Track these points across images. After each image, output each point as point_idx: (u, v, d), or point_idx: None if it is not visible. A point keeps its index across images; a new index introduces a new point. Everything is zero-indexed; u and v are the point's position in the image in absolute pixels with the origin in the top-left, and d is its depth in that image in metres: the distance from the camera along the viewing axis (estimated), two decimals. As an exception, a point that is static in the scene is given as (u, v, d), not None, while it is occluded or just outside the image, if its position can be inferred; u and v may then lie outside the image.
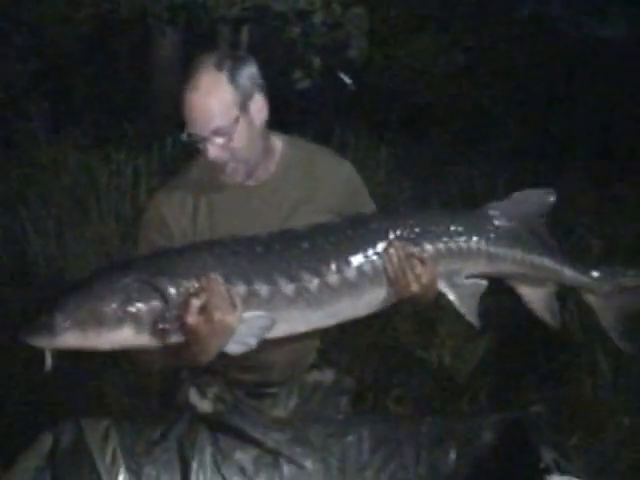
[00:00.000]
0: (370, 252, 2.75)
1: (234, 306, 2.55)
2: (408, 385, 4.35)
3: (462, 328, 4.39)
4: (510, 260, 2.94)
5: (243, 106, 2.73)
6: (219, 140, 2.72)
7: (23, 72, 8.04)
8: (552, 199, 3.00)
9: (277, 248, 2.68)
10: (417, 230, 2.81)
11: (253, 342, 2.61)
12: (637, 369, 4.29)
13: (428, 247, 2.80)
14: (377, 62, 9.44)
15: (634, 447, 3.84)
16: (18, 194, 7.10)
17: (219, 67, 2.71)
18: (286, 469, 2.68)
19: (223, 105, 2.70)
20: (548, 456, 2.66)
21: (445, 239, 2.84)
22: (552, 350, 4.36)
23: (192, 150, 2.86)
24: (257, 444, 2.68)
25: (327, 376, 3.14)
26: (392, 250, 2.74)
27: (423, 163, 7.90)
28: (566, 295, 4.46)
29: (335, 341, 3.20)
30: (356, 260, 2.73)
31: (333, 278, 2.70)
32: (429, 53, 9.61)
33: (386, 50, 9.52)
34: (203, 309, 2.50)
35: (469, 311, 2.91)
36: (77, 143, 7.94)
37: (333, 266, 2.70)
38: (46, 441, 2.56)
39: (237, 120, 2.71)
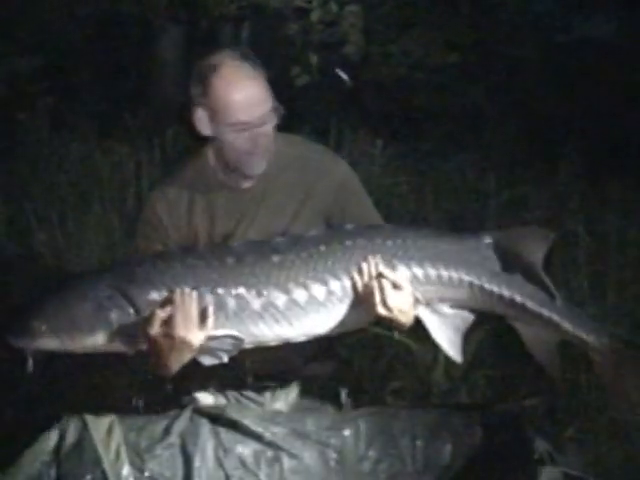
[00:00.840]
0: (340, 270, 2.71)
1: (200, 324, 2.58)
2: (405, 378, 4.38)
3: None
4: (497, 297, 2.78)
5: (271, 96, 2.83)
6: (270, 125, 2.82)
7: (27, 66, 8.06)
8: (550, 240, 2.82)
9: (248, 261, 2.68)
10: (394, 252, 2.73)
11: (225, 357, 2.67)
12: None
13: (404, 271, 2.73)
14: (373, 59, 9.45)
15: (627, 440, 3.85)
16: (22, 186, 7.14)
17: (249, 59, 2.82)
18: (286, 462, 2.72)
19: (267, 91, 2.82)
20: (542, 448, 2.71)
21: (425, 264, 2.74)
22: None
23: (189, 146, 2.91)
24: (257, 438, 2.72)
25: (326, 368, 3.14)
26: (364, 269, 2.69)
27: (418, 158, 7.92)
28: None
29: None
30: (325, 278, 2.70)
31: (300, 295, 2.69)
32: (422, 49, 9.61)
33: (381, 47, 9.52)
34: (166, 323, 2.55)
35: (448, 343, 2.82)
36: (80, 136, 7.97)
37: (301, 283, 2.69)
38: (52, 436, 2.61)
39: (273, 108, 2.82)
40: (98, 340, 2.62)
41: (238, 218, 2.94)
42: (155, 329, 2.55)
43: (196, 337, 2.58)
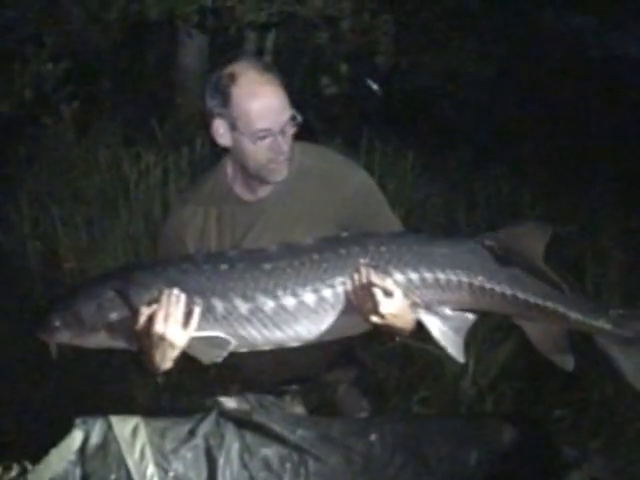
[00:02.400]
0: (332, 278, 2.73)
1: (184, 324, 2.66)
2: (433, 388, 4.37)
3: (487, 332, 4.41)
4: (499, 295, 2.76)
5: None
6: (289, 133, 2.85)
7: (54, 72, 8.09)
8: (548, 234, 2.78)
9: (239, 267, 2.74)
10: (388, 258, 2.73)
11: (218, 357, 2.77)
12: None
13: (398, 276, 2.73)
14: (404, 69, 9.44)
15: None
16: (49, 192, 7.18)
17: (269, 69, 2.88)
18: (311, 465, 2.70)
19: (284, 99, 2.84)
20: (569, 456, 2.70)
21: (420, 269, 2.73)
22: (575, 354, 4.37)
23: (217, 153, 2.95)
24: (283, 441, 2.71)
25: (348, 375, 3.15)
26: (356, 276, 2.70)
27: (450, 170, 7.90)
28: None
29: (361, 342, 3.20)
30: (316, 285, 2.72)
31: (289, 301, 2.72)
32: (457, 61, 9.60)
33: (413, 57, 9.52)
34: (149, 321, 2.64)
35: (451, 345, 2.79)
36: (107, 142, 8.01)
37: (290, 289, 2.72)
38: (77, 436, 2.64)
39: (294, 116, 2.86)
40: (100, 337, 2.79)
41: (246, 229, 2.97)
42: (139, 325, 2.66)
43: (177, 336, 2.65)
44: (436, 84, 9.71)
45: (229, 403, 3.08)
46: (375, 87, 9.16)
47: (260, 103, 2.79)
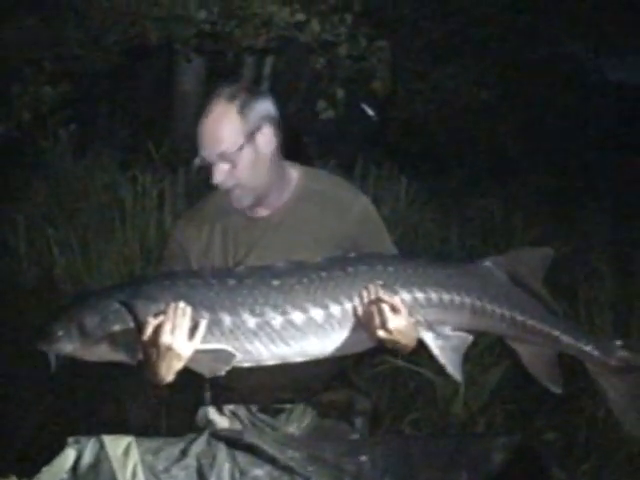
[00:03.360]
0: (340, 295, 2.78)
1: (190, 336, 2.67)
2: (424, 410, 4.38)
3: (477, 355, 4.44)
4: (498, 317, 2.85)
5: (249, 136, 2.88)
6: (224, 165, 2.86)
7: (52, 94, 8.13)
8: (549, 258, 2.92)
9: (248, 283, 2.77)
10: (396, 277, 2.80)
11: (222, 370, 2.77)
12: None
13: (405, 295, 2.79)
14: (399, 95, 9.48)
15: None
16: (45, 213, 7.21)
17: (231, 98, 2.89)
18: (301, 486, 2.71)
19: (229, 132, 2.86)
20: (559, 479, 2.70)
21: (425, 289, 2.81)
22: (566, 378, 4.40)
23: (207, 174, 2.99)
24: (273, 461, 2.71)
25: (341, 396, 3.18)
26: (363, 293, 2.76)
27: (443, 194, 7.95)
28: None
29: (353, 364, 3.24)
30: (324, 301, 2.77)
31: (298, 317, 2.76)
32: (452, 86, 9.65)
33: (408, 83, 9.56)
34: (156, 332, 2.65)
35: (450, 363, 2.88)
36: (104, 164, 8.05)
37: (299, 305, 2.76)
38: (69, 455, 2.63)
39: (241, 148, 2.85)
40: (102, 350, 2.77)
41: (250, 246, 3.01)
42: (145, 336, 2.66)
43: (183, 347, 2.66)
44: (431, 110, 9.75)
45: (222, 423, 3.11)
46: (371, 112, 9.20)
47: (200, 129, 2.87)
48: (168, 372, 2.71)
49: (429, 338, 2.87)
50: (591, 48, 11.31)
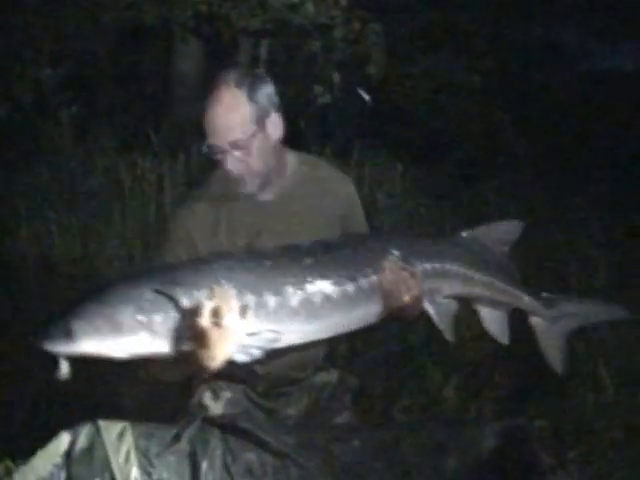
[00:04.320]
0: (367, 268, 2.90)
1: (242, 316, 2.66)
2: (415, 396, 4.42)
3: (469, 342, 4.47)
4: (480, 283, 3.15)
5: (260, 122, 2.90)
6: (236, 152, 2.88)
7: (52, 77, 8.14)
8: (517, 231, 3.26)
9: (284, 262, 2.81)
10: (407, 250, 2.98)
11: (257, 353, 2.71)
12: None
13: (417, 265, 2.97)
14: (393, 80, 9.46)
15: (627, 463, 3.88)
16: (45, 197, 7.22)
17: (239, 84, 2.88)
18: (292, 471, 2.72)
19: (242, 119, 2.87)
20: (547, 464, 2.74)
21: (430, 260, 3.03)
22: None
23: (212, 161, 3.00)
24: (266, 446, 2.73)
25: (332, 376, 3.30)
26: (387, 264, 2.89)
27: (438, 181, 7.96)
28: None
29: (345, 348, 3.32)
30: (354, 275, 2.88)
31: (335, 291, 2.83)
32: (444, 73, 9.63)
33: (401, 68, 9.54)
34: (214, 314, 2.58)
35: (446, 327, 3.09)
36: (104, 148, 8.06)
37: (334, 280, 2.84)
38: (63, 440, 2.65)
39: (254, 135, 2.88)
40: (140, 342, 2.61)
41: (259, 230, 3.04)
42: (205, 320, 2.57)
43: (242, 326, 2.66)
44: (425, 95, 9.75)
45: (217, 409, 3.14)
46: (366, 97, 9.20)
47: (211, 118, 2.86)
48: (225, 355, 2.65)
49: (429, 306, 3.05)
50: (582, 35, 11.28)
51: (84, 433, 2.67)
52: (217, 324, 2.57)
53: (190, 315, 2.59)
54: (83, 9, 8.25)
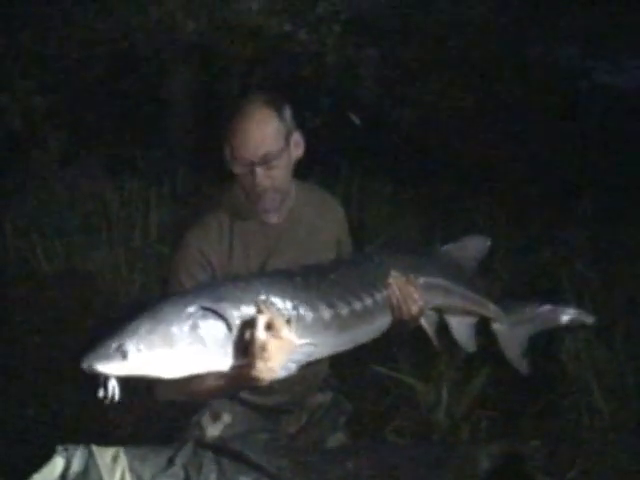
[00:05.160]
0: (380, 284, 3.06)
1: (289, 329, 2.70)
2: (407, 417, 4.41)
3: (461, 362, 4.48)
4: (456, 294, 3.37)
5: (287, 139, 2.99)
6: (266, 166, 2.93)
7: (41, 103, 8.15)
8: (485, 245, 3.52)
9: (313, 279, 2.89)
10: (410, 264, 3.19)
11: (294, 367, 2.72)
12: (634, 405, 4.35)
13: (419, 279, 3.16)
14: (386, 102, 9.51)
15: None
16: (32, 220, 7.20)
17: (268, 102, 2.98)
18: (286, 494, 2.73)
19: (273, 133, 2.95)
20: (544, 485, 2.73)
21: (421, 273, 3.19)
22: (549, 386, 4.46)
23: (199, 186, 3.02)
24: (260, 469, 2.72)
25: (327, 397, 3.39)
26: (394, 280, 3.06)
27: (427, 202, 7.98)
28: (564, 335, 4.61)
29: (336, 371, 3.35)
30: (371, 291, 3.03)
31: (358, 306, 2.97)
32: (437, 95, 9.68)
33: (395, 90, 9.58)
34: (270, 326, 2.61)
35: (434, 337, 3.39)
36: (91, 172, 8.05)
37: (359, 295, 2.99)
38: (58, 464, 2.63)
39: (282, 150, 2.96)
40: (194, 359, 2.59)
41: (270, 252, 3.11)
42: (263, 333, 2.58)
43: (295, 339, 2.70)
44: (417, 117, 9.78)
45: (214, 430, 3.14)
46: (357, 120, 9.23)
47: (244, 133, 2.92)
48: (280, 366, 2.65)
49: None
50: (579, 51, 11.32)
51: (78, 457, 2.65)
52: (275, 336, 2.60)
53: (246, 329, 2.61)
54: (74, 37, 8.27)
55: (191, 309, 2.59)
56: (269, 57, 8.38)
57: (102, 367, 2.44)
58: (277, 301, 2.73)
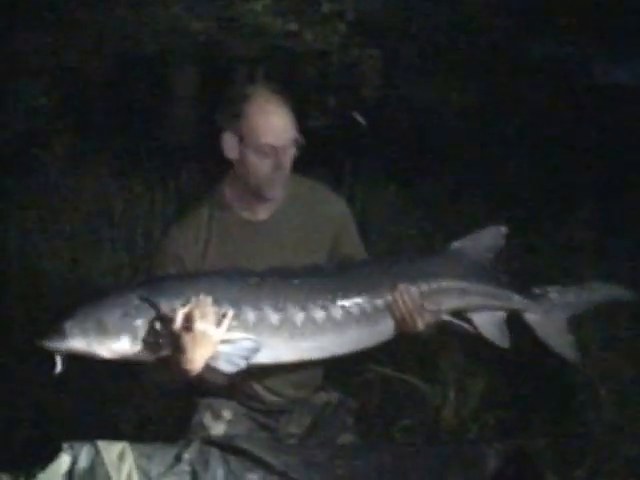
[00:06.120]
0: (357, 295, 2.95)
1: (217, 323, 2.73)
2: (414, 417, 4.40)
3: (464, 363, 4.46)
4: (474, 293, 3.22)
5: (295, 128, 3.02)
6: (290, 153, 2.98)
7: (45, 103, 8.16)
8: (500, 235, 3.33)
9: (269, 281, 2.88)
10: (415, 270, 3.10)
11: (242, 363, 2.80)
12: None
13: (423, 287, 3.05)
14: (390, 102, 9.51)
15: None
16: (36, 221, 7.19)
17: (280, 90, 3.03)
18: (294, 491, 2.72)
19: (292, 119, 3.00)
20: (552, 482, 2.72)
21: (430, 278, 3.09)
22: (555, 385, 4.44)
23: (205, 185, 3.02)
24: (267, 466, 2.72)
25: (333, 397, 3.32)
26: (398, 294, 2.97)
27: (430, 200, 7.96)
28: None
29: (341, 371, 3.32)
30: (342, 300, 2.92)
31: (318, 314, 2.88)
32: (440, 93, 9.68)
33: (399, 90, 9.59)
34: (187, 319, 2.68)
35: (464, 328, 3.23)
36: (96, 173, 8.04)
37: (319, 303, 2.88)
38: (64, 461, 2.63)
39: (297, 136, 3.00)
40: (123, 345, 2.75)
41: (251, 251, 3.07)
42: (178, 326, 2.69)
43: (215, 332, 2.73)
44: (420, 117, 9.78)
45: (217, 428, 3.14)
46: (361, 120, 9.23)
47: (267, 119, 2.94)
48: (201, 359, 2.74)
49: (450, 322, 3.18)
50: (581, 50, 11.30)
51: (84, 453, 2.66)
52: (189, 329, 2.68)
53: (166, 320, 2.72)
54: (80, 38, 8.28)
55: (127, 298, 2.78)
56: (273, 56, 8.38)
57: (45, 344, 2.73)
58: (217, 298, 2.75)
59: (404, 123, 9.76)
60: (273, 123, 2.94)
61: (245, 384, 3.09)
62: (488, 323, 3.29)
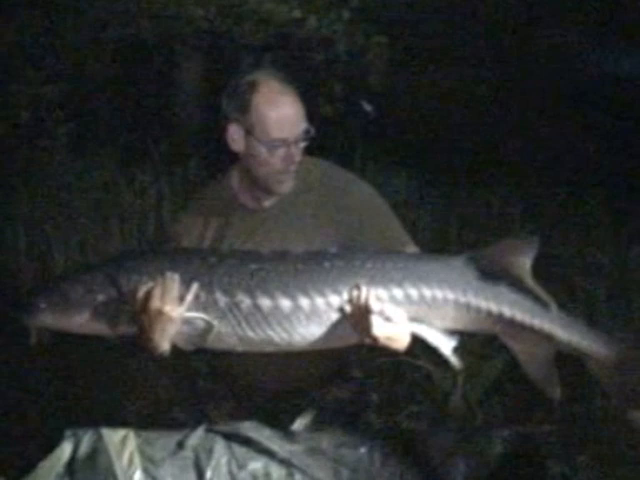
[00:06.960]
0: (311, 289, 2.73)
1: (177, 301, 2.70)
2: (422, 403, 4.39)
3: (476, 347, 4.43)
4: (485, 312, 2.72)
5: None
6: (300, 146, 2.90)
7: (50, 93, 8.14)
8: (535, 248, 2.73)
9: (229, 263, 2.78)
10: (373, 274, 2.72)
11: (200, 342, 2.79)
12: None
13: (381, 292, 2.70)
14: (397, 90, 9.50)
15: (638, 467, 3.83)
16: (44, 212, 7.19)
17: (289, 81, 2.93)
18: (298, 479, 2.70)
19: (301, 112, 2.91)
20: (556, 469, 2.71)
21: (405, 285, 2.71)
22: (563, 371, 4.40)
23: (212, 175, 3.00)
24: (271, 454, 2.72)
25: (345, 393, 3.19)
26: (354, 294, 2.69)
27: (442, 191, 7.92)
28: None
29: (356, 360, 3.24)
30: (292, 292, 2.73)
31: (265, 303, 2.73)
32: (449, 82, 9.67)
33: (406, 78, 9.58)
34: (146, 297, 2.70)
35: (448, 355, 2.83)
36: (103, 163, 8.03)
37: (268, 292, 2.73)
38: (66, 448, 2.64)
39: (307, 129, 2.92)
40: (85, 319, 2.81)
41: (247, 236, 3.02)
42: (136, 303, 2.72)
43: (173, 311, 2.70)
44: (430, 105, 9.76)
45: (221, 417, 3.09)
46: (369, 108, 9.21)
47: (279, 112, 2.85)
48: (162, 337, 2.73)
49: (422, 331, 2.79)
50: (588, 41, 11.25)
51: (86, 440, 2.68)
52: (146, 309, 2.71)
53: (127, 298, 2.77)
54: (83, 26, 8.27)
55: (92, 275, 2.83)
56: (279, 44, 8.35)
57: (19, 317, 2.87)
58: (180, 275, 2.72)
59: (412, 112, 9.75)
60: (284, 116, 2.85)
61: (247, 373, 3.07)
62: (528, 358, 2.80)
